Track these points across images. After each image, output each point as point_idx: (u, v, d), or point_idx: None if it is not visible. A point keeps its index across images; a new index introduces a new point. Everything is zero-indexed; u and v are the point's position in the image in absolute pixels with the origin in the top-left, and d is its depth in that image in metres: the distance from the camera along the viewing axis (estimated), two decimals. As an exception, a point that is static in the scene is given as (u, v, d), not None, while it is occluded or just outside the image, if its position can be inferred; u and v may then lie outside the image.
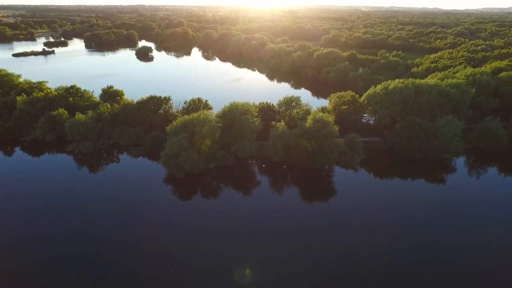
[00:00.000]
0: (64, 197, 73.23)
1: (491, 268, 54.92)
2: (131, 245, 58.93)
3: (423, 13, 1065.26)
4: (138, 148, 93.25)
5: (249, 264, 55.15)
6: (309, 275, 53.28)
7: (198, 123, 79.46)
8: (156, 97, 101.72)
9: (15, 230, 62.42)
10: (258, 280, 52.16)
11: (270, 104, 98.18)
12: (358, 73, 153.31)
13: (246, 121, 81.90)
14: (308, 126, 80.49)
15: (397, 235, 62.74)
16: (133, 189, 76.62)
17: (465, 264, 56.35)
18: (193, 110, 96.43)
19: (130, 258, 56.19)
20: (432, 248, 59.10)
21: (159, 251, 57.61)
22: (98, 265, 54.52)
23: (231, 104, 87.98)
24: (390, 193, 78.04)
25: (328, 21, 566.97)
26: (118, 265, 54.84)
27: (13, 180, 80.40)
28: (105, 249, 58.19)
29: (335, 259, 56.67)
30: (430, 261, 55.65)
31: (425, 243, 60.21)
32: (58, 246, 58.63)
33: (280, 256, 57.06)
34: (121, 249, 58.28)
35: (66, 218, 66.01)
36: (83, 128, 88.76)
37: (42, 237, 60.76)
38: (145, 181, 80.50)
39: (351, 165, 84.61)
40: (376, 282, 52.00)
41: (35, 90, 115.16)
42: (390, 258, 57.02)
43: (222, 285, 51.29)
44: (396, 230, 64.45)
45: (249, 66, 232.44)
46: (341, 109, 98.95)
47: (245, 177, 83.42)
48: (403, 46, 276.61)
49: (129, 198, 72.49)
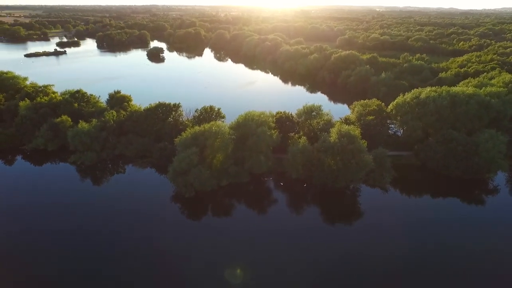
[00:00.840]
0: (63, 213, 66.94)
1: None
2: (134, 268, 52.44)
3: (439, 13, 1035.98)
4: (145, 160, 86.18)
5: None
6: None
7: (210, 136, 71.66)
8: (165, 104, 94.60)
9: (13, 243, 58.57)
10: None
11: (288, 114, 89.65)
12: (380, 78, 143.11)
13: (263, 133, 73.67)
14: (333, 140, 71.63)
15: (431, 265, 53.72)
16: (138, 206, 69.40)
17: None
18: (204, 119, 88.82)
19: (132, 283, 49.51)
20: (471, 278, 50.66)
21: (165, 275, 50.92)
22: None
23: (246, 114, 79.91)
24: (423, 217, 68.66)
25: (342, 22, 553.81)
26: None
27: (12, 191, 74.64)
28: (105, 271, 52.51)
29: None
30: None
31: (466, 274, 52.03)
32: (57, 263, 54.25)
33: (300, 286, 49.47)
34: (123, 272, 52.18)
35: (63, 237, 60.33)
36: (86, 138, 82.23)
37: (41, 252, 56.61)
38: (151, 197, 73.17)
39: (380, 184, 75.38)
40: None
41: (39, 94, 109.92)
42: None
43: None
44: (430, 259, 55.43)
45: (263, 68, 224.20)
46: (366, 120, 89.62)
47: (261, 195, 75.19)
48: (423, 48, 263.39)
49: (133, 217, 65.66)
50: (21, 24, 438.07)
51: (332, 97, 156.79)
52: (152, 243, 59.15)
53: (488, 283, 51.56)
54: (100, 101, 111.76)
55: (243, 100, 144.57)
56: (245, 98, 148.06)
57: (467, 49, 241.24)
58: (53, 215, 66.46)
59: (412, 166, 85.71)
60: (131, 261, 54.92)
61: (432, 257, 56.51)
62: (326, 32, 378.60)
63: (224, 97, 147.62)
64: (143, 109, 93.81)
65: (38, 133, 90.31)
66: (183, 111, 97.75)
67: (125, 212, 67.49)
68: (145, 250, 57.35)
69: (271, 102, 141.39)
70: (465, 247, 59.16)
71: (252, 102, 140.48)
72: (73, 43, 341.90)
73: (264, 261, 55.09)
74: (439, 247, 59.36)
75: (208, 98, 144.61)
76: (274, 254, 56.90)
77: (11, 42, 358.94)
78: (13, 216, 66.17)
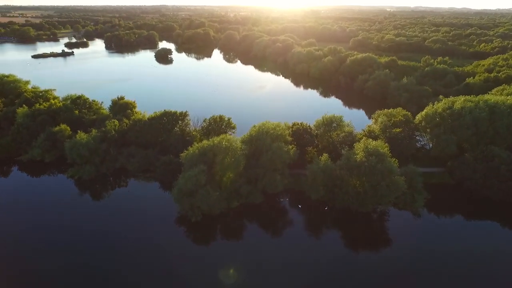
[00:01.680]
0: (57, 232, 61.25)
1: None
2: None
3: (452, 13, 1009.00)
4: (148, 175, 78.77)
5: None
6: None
7: (219, 152, 63.75)
8: (170, 113, 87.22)
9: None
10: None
11: (306, 126, 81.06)
12: (401, 83, 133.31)
13: (279, 149, 65.43)
14: (359, 159, 62.93)
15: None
16: (139, 227, 62.26)
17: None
18: (213, 130, 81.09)
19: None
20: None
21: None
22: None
23: (259, 126, 71.79)
24: (460, 245, 59.60)
25: (354, 22, 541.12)
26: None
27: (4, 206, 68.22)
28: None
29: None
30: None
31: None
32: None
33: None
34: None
35: (56, 257, 54.83)
36: (85, 150, 75.20)
37: (31, 272, 52.04)
38: (153, 217, 65.76)
39: (412, 208, 66.39)
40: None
41: (39, 100, 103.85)
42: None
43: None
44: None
45: (273, 71, 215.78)
46: (392, 133, 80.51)
47: (276, 218, 66.97)
48: (442, 50, 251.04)
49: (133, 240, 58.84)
50: (31, 24, 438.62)
51: (348, 102, 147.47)
52: (152, 271, 51.65)
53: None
54: (102, 107, 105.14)
55: (253, 106, 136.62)
56: (256, 103, 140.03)
57: (490, 51, 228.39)
58: (47, 234, 60.67)
59: (446, 185, 76.34)
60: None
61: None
62: (338, 33, 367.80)
63: (233, 102, 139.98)
64: (147, 118, 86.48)
65: (35, 143, 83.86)
66: (190, 120, 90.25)
67: (124, 233, 60.52)
68: (146, 278, 50.06)
69: (283, 109, 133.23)
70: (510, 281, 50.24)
71: (263, 108, 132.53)
72: (81, 43, 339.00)
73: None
74: (479, 280, 50.53)
75: (216, 103, 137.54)
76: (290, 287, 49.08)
77: (21, 42, 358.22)
78: (5, 232, 60.70)
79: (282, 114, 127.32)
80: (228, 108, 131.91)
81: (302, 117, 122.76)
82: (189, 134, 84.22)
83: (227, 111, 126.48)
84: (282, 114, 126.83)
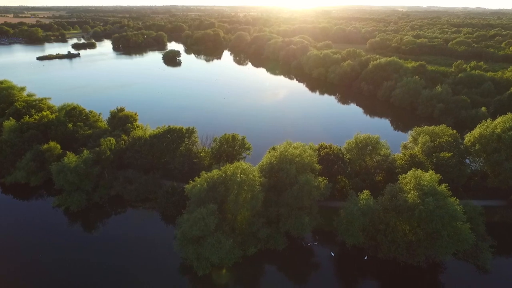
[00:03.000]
0: (35, 272, 49.69)
1: None
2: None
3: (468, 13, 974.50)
4: (148, 206, 66.68)
5: None
6: None
7: (233, 186, 51.12)
8: (175, 129, 75.06)
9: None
10: None
11: (336, 149, 67.58)
12: (435, 92, 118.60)
13: (307, 184, 52.40)
14: (410, 199, 49.45)
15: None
16: (132, 276, 50.30)
17: None
18: (225, 152, 68.54)
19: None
20: None
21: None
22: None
23: (281, 151, 58.85)
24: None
25: (368, 23, 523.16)
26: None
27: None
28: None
29: None
30: None
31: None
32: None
33: None
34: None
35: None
36: (74, 176, 63.48)
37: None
38: (151, 262, 53.68)
39: (475, 260, 52.60)
40: None
41: (31, 110, 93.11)
42: None
43: None
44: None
45: (287, 74, 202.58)
46: (440, 158, 66.56)
47: (303, 268, 53.91)
48: (468, 52, 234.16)
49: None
50: (40, 25, 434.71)
51: (372, 112, 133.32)
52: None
53: None
54: (100, 119, 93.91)
55: (267, 115, 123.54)
56: (270, 112, 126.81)
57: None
58: (25, 274, 50.39)
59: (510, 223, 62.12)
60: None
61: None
62: (353, 34, 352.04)
63: (245, 112, 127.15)
64: (148, 135, 74.41)
65: (20, 163, 72.78)
66: (198, 138, 77.87)
67: (115, 282, 48.46)
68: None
69: (301, 119, 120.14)
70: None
71: (278, 119, 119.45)
72: (88, 44, 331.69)
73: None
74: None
75: (226, 113, 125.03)
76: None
77: (29, 43, 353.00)
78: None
79: (300, 126, 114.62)
80: (239, 118, 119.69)
81: (323, 130, 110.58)
82: (197, 155, 71.84)
83: (238, 122, 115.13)
84: (300, 126, 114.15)
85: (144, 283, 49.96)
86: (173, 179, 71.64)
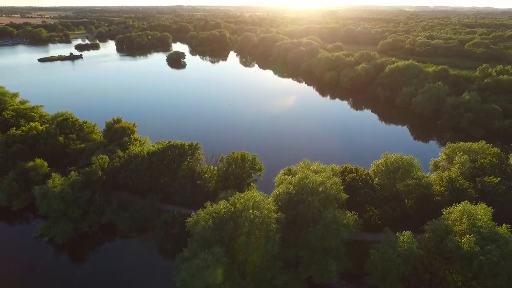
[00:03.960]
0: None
1: None
2: None
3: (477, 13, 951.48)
4: (144, 237, 57.84)
5: None
6: None
7: (243, 223, 42.03)
8: (177, 146, 66.17)
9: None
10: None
11: (363, 173, 57.95)
12: (461, 100, 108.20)
13: (335, 222, 43.03)
14: (466, 245, 39.82)
15: None
16: None
17: None
18: (233, 174, 59.42)
19: None
20: None
21: None
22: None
23: (299, 178, 49.42)
24: None
25: (376, 23, 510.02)
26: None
27: None
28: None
29: None
30: None
31: None
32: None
33: None
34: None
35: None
36: (58, 203, 54.92)
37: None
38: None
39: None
40: None
41: (21, 120, 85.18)
42: None
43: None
44: None
45: (296, 77, 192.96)
46: (486, 183, 56.63)
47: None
48: (487, 55, 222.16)
49: None
50: (44, 25, 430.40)
51: (389, 120, 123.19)
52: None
53: None
54: (96, 130, 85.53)
55: (277, 126, 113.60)
56: (280, 123, 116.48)
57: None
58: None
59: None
60: None
61: None
62: (363, 34, 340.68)
63: (252, 122, 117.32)
64: (146, 153, 65.60)
65: (1, 183, 64.55)
66: (202, 154, 68.88)
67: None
68: None
69: (314, 128, 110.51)
70: None
71: (289, 129, 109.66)
72: (92, 45, 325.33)
73: None
74: None
75: (232, 123, 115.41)
76: None
77: (33, 44, 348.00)
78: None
79: (313, 135, 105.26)
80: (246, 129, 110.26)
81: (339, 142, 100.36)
82: (201, 176, 62.82)
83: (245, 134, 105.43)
84: (312, 136, 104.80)
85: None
86: (173, 203, 62.81)
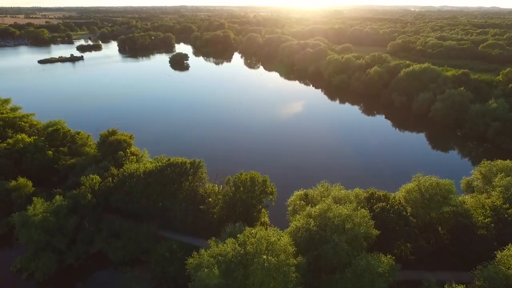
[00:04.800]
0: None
1: None
2: None
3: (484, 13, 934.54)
4: (139, 270, 50.22)
5: None
6: None
7: (255, 270, 34.23)
8: (178, 164, 58.51)
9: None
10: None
11: (392, 200, 49.72)
12: (487, 108, 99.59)
13: (369, 271, 35.03)
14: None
15: None
16: None
17: None
18: (241, 200, 51.62)
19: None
20: None
21: None
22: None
23: (321, 211, 41.54)
24: None
25: (383, 23, 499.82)
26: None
27: None
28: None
29: None
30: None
31: None
32: None
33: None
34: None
35: None
36: (39, 235, 47.44)
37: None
38: None
39: None
40: None
41: (8, 130, 78.18)
42: None
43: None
44: None
45: (303, 80, 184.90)
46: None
47: None
48: (504, 57, 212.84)
49: None
50: (47, 26, 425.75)
51: (407, 128, 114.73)
52: None
53: None
54: (90, 142, 78.05)
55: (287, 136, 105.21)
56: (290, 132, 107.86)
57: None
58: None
59: None
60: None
61: None
62: (371, 35, 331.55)
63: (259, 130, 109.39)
64: (142, 172, 58.01)
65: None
66: (206, 173, 61.15)
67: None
68: None
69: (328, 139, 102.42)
70: None
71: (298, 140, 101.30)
72: (94, 46, 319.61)
73: None
74: None
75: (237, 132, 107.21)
76: None
77: (35, 45, 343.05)
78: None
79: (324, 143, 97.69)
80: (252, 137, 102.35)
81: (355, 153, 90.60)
82: (204, 200, 55.12)
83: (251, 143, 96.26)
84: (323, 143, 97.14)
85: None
86: (172, 230, 55.25)
